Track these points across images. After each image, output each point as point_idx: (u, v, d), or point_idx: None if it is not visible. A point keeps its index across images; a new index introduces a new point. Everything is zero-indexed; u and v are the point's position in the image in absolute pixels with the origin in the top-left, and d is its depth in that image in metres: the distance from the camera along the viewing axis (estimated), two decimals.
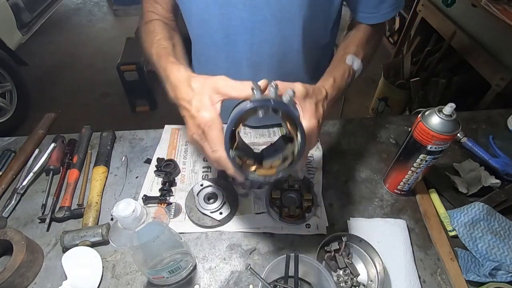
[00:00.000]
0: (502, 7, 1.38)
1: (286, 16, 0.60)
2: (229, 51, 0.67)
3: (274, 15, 0.60)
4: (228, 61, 0.69)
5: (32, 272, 0.56)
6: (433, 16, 1.96)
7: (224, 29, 0.63)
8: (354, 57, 0.60)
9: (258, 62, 0.68)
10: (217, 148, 0.42)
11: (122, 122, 2.30)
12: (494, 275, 0.55)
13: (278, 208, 0.63)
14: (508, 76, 1.41)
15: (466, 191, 0.68)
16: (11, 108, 2.16)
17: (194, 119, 0.44)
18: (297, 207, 0.63)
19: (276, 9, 0.59)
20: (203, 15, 0.63)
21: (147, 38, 0.63)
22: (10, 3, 2.33)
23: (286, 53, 0.68)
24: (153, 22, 0.65)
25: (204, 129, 0.43)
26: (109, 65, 2.45)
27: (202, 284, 0.56)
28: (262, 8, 0.59)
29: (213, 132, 0.42)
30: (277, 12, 0.59)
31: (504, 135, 0.82)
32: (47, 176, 0.72)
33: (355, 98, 2.47)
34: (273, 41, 0.64)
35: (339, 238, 0.57)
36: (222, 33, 0.64)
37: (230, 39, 0.65)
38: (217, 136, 0.42)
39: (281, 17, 0.60)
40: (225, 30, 0.63)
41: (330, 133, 0.83)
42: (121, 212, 0.39)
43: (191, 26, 0.69)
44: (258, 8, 0.59)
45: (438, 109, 0.54)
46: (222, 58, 0.69)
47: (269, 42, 0.64)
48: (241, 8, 0.59)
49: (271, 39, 0.64)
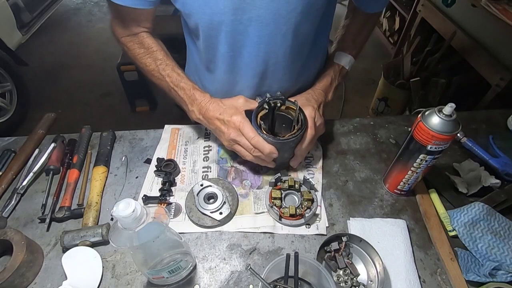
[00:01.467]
0: (502, 7, 1.38)
1: (290, 28, 0.63)
2: (235, 63, 0.70)
3: (280, 28, 0.62)
4: (234, 72, 0.72)
5: (32, 272, 0.56)
6: (433, 16, 1.96)
7: (231, 43, 0.66)
8: (344, 55, 0.78)
9: (264, 71, 0.71)
10: (253, 135, 0.60)
11: (122, 122, 2.30)
12: (494, 275, 0.55)
13: (278, 208, 0.63)
14: (508, 76, 1.41)
15: (466, 191, 0.68)
16: (11, 108, 2.16)
17: (229, 123, 0.62)
18: (297, 207, 0.63)
19: (282, 22, 0.61)
20: (211, 31, 0.65)
21: (143, 52, 0.72)
22: (10, 3, 2.33)
23: (296, 61, 0.72)
24: (142, 34, 0.72)
25: (239, 126, 0.61)
26: (109, 65, 2.45)
27: (202, 284, 0.56)
28: (269, 23, 0.61)
29: (246, 126, 0.61)
30: (283, 26, 0.62)
31: (504, 135, 0.82)
32: (47, 176, 0.72)
33: (355, 98, 2.48)
34: (278, 52, 0.67)
35: (339, 238, 0.57)
36: (229, 47, 0.67)
37: (236, 52, 0.68)
38: (250, 128, 0.61)
39: (286, 29, 0.63)
40: (231, 44, 0.66)
41: (330, 133, 0.83)
42: (121, 212, 0.39)
43: (198, 39, 0.70)
44: (265, 24, 0.61)
45: (438, 109, 0.54)
46: (228, 69, 0.72)
47: (276, 53, 0.67)
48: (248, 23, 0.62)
49: (277, 50, 0.67)
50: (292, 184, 0.66)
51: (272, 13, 0.59)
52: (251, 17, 0.60)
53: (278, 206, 0.63)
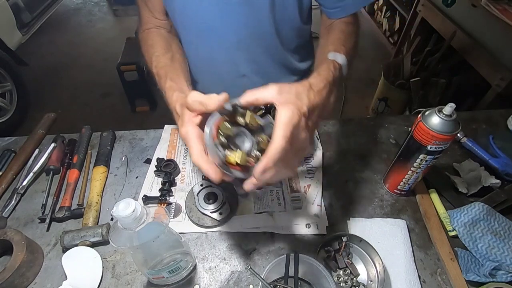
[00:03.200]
0: (502, 7, 1.38)
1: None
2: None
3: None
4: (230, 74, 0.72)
5: (32, 272, 0.56)
6: (433, 16, 1.96)
7: None
8: (335, 53, 0.55)
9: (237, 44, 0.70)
10: (193, 153, 0.42)
11: (122, 122, 2.30)
12: (494, 275, 0.55)
13: (224, 148, 0.42)
14: (508, 76, 1.41)
15: (466, 191, 0.68)
16: (11, 108, 2.16)
17: (180, 134, 0.47)
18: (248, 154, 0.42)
19: None
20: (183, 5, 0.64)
21: (146, 51, 0.65)
22: (10, 3, 2.33)
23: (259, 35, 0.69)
24: (151, 33, 0.67)
25: (185, 141, 0.44)
26: (109, 65, 2.45)
27: (202, 284, 0.56)
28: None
29: (190, 143, 0.43)
30: None
31: (504, 135, 0.82)
32: (47, 176, 0.72)
33: (355, 98, 2.48)
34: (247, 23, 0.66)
35: (339, 238, 0.57)
36: None
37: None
38: (193, 144, 0.43)
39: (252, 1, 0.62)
40: None
41: (330, 133, 0.83)
42: (121, 212, 0.39)
43: (175, 20, 0.70)
44: None
45: (438, 109, 0.54)
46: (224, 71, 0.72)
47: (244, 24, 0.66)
48: None
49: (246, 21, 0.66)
50: (253, 124, 0.42)
51: None
52: None
53: (225, 146, 0.42)
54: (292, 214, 0.65)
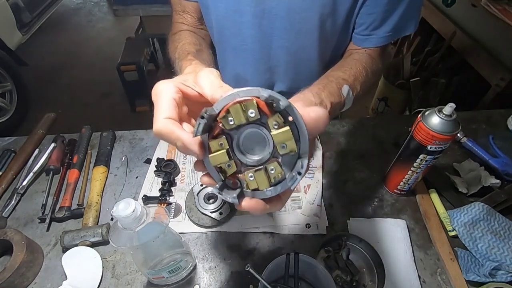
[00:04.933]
0: (502, 7, 1.38)
1: (303, 27, 0.61)
2: (246, 57, 0.69)
3: (292, 24, 0.61)
4: (246, 64, 0.71)
5: (32, 272, 0.56)
6: (433, 16, 1.96)
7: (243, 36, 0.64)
8: (349, 90, 0.53)
9: (274, 66, 0.70)
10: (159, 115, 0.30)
11: (122, 122, 2.30)
12: (494, 275, 0.55)
13: (225, 175, 0.30)
14: (508, 76, 1.41)
15: (466, 191, 0.68)
16: (11, 108, 2.16)
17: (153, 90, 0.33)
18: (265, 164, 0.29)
19: (291, 18, 0.60)
20: (222, 22, 0.64)
21: (172, 45, 0.62)
22: (10, 3, 2.32)
23: (301, 61, 0.69)
24: (181, 32, 0.66)
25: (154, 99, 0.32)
26: (109, 65, 2.45)
27: (202, 284, 0.56)
28: (274, 18, 0.60)
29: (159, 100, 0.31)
30: (295, 23, 0.60)
31: (504, 135, 0.82)
32: (47, 176, 0.72)
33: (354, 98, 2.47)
34: (289, 48, 0.66)
35: (339, 238, 0.57)
36: (240, 40, 0.65)
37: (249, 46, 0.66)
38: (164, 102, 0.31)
39: (299, 27, 0.61)
40: (243, 37, 0.65)
41: (330, 133, 0.83)
42: (121, 212, 0.39)
43: (212, 33, 0.70)
44: (270, 20, 0.60)
45: (438, 109, 0.54)
46: (240, 62, 0.71)
47: (286, 49, 0.66)
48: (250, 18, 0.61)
49: (288, 46, 0.65)
50: (253, 116, 0.27)
51: (286, 7, 0.58)
52: (264, 9, 0.59)
53: (224, 170, 0.30)
54: (292, 214, 0.65)
